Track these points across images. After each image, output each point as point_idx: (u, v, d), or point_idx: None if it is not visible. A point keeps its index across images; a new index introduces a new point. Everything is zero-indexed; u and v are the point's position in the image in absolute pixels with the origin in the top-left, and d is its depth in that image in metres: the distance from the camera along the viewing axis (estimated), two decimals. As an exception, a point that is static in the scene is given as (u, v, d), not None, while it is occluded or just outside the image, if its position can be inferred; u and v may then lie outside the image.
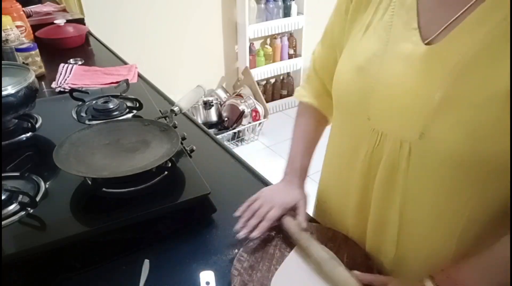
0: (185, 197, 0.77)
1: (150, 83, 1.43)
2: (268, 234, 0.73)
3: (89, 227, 0.70)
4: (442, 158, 0.54)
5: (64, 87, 1.36)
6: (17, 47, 1.39)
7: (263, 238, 0.72)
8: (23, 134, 1.00)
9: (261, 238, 0.72)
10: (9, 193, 0.73)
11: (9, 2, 1.60)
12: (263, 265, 0.67)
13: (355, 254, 0.69)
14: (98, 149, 0.83)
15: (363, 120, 0.61)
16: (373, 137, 0.61)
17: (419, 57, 0.54)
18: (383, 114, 0.59)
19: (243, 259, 0.68)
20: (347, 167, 0.69)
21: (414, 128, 0.54)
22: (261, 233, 0.70)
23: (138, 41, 2.58)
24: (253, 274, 0.65)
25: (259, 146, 2.91)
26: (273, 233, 0.73)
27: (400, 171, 0.59)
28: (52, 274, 0.68)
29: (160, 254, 0.72)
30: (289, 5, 3.00)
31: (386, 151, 0.59)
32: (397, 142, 0.57)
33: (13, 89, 0.94)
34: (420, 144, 0.55)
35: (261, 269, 0.66)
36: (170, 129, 0.88)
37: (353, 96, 0.62)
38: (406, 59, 0.55)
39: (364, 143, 0.62)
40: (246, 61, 3.02)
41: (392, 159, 0.59)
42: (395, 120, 0.57)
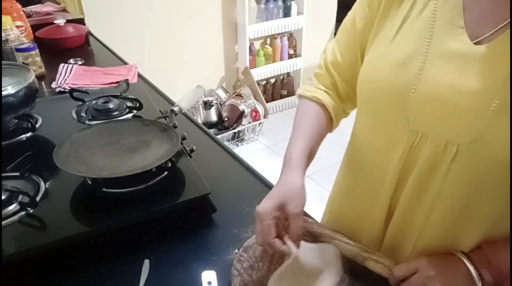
0: (185, 197, 0.77)
1: (150, 83, 1.43)
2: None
3: (89, 227, 0.70)
4: (490, 163, 0.52)
5: (64, 87, 1.36)
6: (17, 47, 1.39)
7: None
8: (23, 134, 1.00)
9: None
10: (9, 193, 0.73)
11: (9, 2, 1.60)
12: (263, 265, 0.67)
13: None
14: (98, 149, 0.83)
15: (400, 120, 0.58)
16: (411, 138, 0.58)
17: (471, 57, 0.51)
18: (425, 114, 0.55)
19: (243, 259, 0.68)
20: (378, 169, 0.66)
21: (466, 131, 0.52)
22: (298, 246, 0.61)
23: (138, 41, 2.58)
24: (253, 274, 0.65)
25: (259, 146, 2.91)
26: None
27: (438, 174, 0.57)
28: (52, 274, 0.68)
29: (160, 254, 0.72)
30: (289, 5, 3.00)
31: (425, 153, 0.57)
32: (441, 144, 0.55)
33: (13, 89, 0.95)
34: (469, 148, 0.52)
35: (261, 269, 0.66)
36: (170, 129, 0.88)
37: (390, 94, 0.58)
38: (454, 58, 0.52)
39: (400, 144, 0.59)
40: (246, 61, 3.02)
41: (431, 162, 0.57)
42: (442, 120, 0.54)
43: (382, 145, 0.64)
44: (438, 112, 0.54)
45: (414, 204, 0.62)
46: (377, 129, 0.65)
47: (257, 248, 0.70)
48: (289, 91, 3.41)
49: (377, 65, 0.61)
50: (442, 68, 0.53)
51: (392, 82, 0.57)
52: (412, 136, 0.58)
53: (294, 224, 0.60)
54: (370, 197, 0.69)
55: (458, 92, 0.52)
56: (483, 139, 0.51)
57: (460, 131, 0.53)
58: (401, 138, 0.59)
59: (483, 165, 0.53)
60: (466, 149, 0.53)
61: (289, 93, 3.41)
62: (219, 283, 0.66)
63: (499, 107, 0.49)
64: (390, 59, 0.58)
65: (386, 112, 0.61)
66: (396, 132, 0.60)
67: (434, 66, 0.54)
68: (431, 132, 0.56)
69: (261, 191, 0.89)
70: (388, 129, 0.62)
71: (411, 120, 0.57)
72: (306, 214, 0.73)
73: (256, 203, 0.83)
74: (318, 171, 2.57)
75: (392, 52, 0.59)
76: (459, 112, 0.52)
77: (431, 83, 0.54)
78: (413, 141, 0.58)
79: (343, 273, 0.63)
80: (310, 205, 0.94)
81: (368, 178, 0.70)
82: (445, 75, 0.53)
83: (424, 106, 0.55)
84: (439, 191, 0.58)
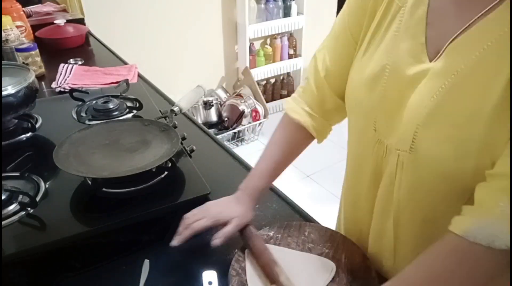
0: (185, 197, 0.77)
1: (150, 83, 1.43)
2: (266, 235, 0.73)
3: (89, 227, 0.70)
4: (430, 171, 0.54)
5: (64, 87, 1.36)
6: (17, 47, 1.39)
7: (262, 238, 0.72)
8: (23, 134, 1.00)
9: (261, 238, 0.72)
10: (9, 193, 0.73)
11: (9, 2, 1.60)
12: (262, 265, 0.67)
13: (353, 254, 0.69)
14: (98, 149, 0.83)
15: (370, 130, 0.61)
16: (380, 149, 0.61)
17: (423, 73, 0.53)
18: (386, 126, 0.59)
19: (241, 260, 0.68)
20: (357, 178, 0.69)
21: (406, 140, 0.54)
22: (179, 241, 0.68)
23: (138, 41, 2.58)
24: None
25: (259, 146, 2.91)
26: (271, 233, 0.73)
27: (396, 183, 0.59)
28: (52, 274, 0.68)
29: (160, 254, 0.72)
30: (289, 5, 3.00)
31: (390, 163, 0.59)
32: (395, 154, 0.58)
33: (13, 89, 0.95)
34: (411, 156, 0.55)
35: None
36: (170, 129, 0.88)
37: (361, 108, 0.62)
38: (410, 75, 0.55)
39: (373, 155, 0.62)
40: (246, 61, 3.02)
41: (391, 171, 0.59)
42: (394, 132, 0.57)
43: (359, 154, 0.67)
44: (393, 124, 0.57)
45: (384, 213, 0.64)
46: (356, 137, 0.68)
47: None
48: (289, 91, 3.41)
49: (353, 80, 0.64)
50: (400, 86, 0.56)
51: (362, 98, 0.61)
52: (381, 146, 0.60)
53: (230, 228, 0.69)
54: (355, 204, 0.72)
55: (403, 105, 0.55)
56: (419, 148, 0.53)
57: (403, 141, 0.55)
58: (372, 148, 0.62)
59: (425, 174, 0.55)
60: (408, 158, 0.56)
61: (289, 93, 3.41)
62: (219, 283, 0.66)
63: (427, 117, 0.51)
64: (361, 74, 0.62)
65: (360, 122, 0.64)
66: (368, 142, 0.63)
67: (395, 83, 0.57)
68: (389, 142, 0.59)
69: (261, 191, 0.89)
70: (362, 138, 0.65)
71: (378, 131, 0.60)
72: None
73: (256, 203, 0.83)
74: (318, 171, 2.57)
75: (363, 68, 0.61)
76: (402, 123, 0.55)
77: (390, 99, 0.57)
78: (382, 151, 0.61)
79: None
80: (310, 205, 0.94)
81: (353, 188, 0.73)
82: (400, 90, 0.56)
83: (384, 118, 0.59)
84: (398, 200, 0.60)
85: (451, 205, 0.55)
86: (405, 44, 0.56)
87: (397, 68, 0.56)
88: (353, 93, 0.64)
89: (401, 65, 0.56)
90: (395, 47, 0.57)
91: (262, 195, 0.76)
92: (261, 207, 0.83)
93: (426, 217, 0.59)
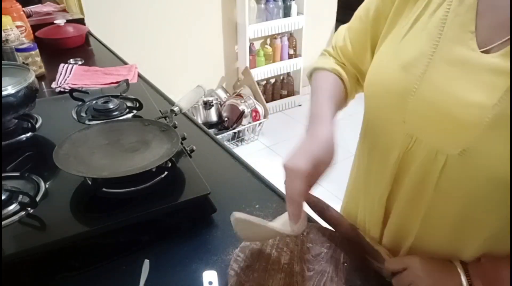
0: (185, 197, 0.77)
1: (150, 83, 1.43)
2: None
3: (89, 227, 0.70)
4: (481, 177, 0.50)
5: (64, 87, 1.36)
6: (17, 47, 1.39)
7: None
8: (23, 134, 1.00)
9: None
10: (9, 193, 0.73)
11: (9, 2, 1.60)
12: (259, 265, 0.67)
13: (353, 254, 0.69)
14: (98, 149, 0.83)
15: (397, 122, 0.57)
16: (406, 141, 0.57)
17: (476, 65, 0.49)
18: (421, 119, 0.54)
19: (240, 259, 0.68)
20: (376, 171, 0.65)
21: (456, 142, 0.50)
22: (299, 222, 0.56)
23: (138, 41, 2.59)
24: (249, 274, 0.65)
25: (259, 146, 2.91)
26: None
27: (430, 182, 0.55)
28: (52, 274, 0.68)
29: (160, 254, 0.72)
30: (289, 5, 3.00)
31: (419, 158, 0.56)
32: (432, 152, 0.54)
33: (13, 89, 0.95)
34: (458, 160, 0.51)
35: (258, 269, 0.66)
36: (170, 129, 0.88)
37: (391, 95, 0.57)
38: (459, 64, 0.51)
39: (396, 147, 0.59)
40: (246, 61, 3.02)
41: (423, 169, 0.56)
42: (435, 128, 0.53)
43: (380, 145, 0.63)
44: (432, 119, 0.53)
45: (408, 209, 0.61)
46: (377, 128, 0.64)
47: (254, 248, 0.70)
48: (289, 91, 3.41)
49: (383, 64, 0.60)
50: (444, 74, 0.52)
51: (395, 83, 0.56)
52: (407, 139, 0.57)
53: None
54: (370, 196, 0.69)
55: (454, 100, 0.50)
56: (473, 153, 0.49)
57: (450, 142, 0.51)
58: (397, 140, 0.58)
59: (473, 179, 0.51)
60: (455, 161, 0.52)
61: (289, 93, 3.41)
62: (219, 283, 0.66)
63: (492, 121, 0.47)
64: (397, 59, 0.57)
65: (386, 112, 0.60)
66: (393, 134, 0.59)
67: (437, 70, 0.52)
68: (424, 137, 0.55)
69: (261, 191, 0.89)
70: (386, 129, 0.61)
71: (408, 123, 0.56)
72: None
73: (256, 203, 0.84)
74: (318, 171, 2.57)
75: (400, 52, 0.57)
76: (452, 122, 0.51)
77: (431, 88, 0.53)
78: (408, 144, 0.57)
79: None
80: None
81: (368, 176, 0.70)
82: (446, 81, 0.51)
83: (420, 110, 0.54)
84: (431, 200, 0.57)
85: (487, 211, 0.53)
86: (453, 32, 0.52)
87: (443, 54, 0.52)
88: (381, 76, 0.59)
89: (447, 52, 0.52)
90: (441, 33, 0.53)
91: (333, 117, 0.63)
92: (261, 207, 0.83)
93: (458, 219, 0.56)
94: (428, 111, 0.53)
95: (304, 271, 0.66)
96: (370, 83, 0.62)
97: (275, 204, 0.84)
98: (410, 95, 0.54)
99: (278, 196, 0.87)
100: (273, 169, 1.06)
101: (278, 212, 0.82)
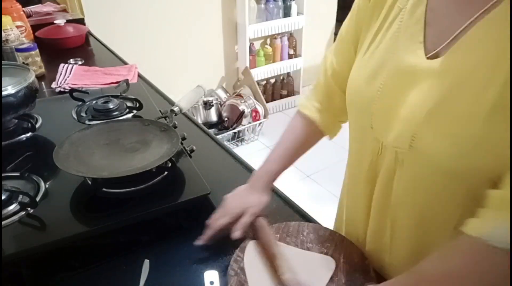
0: (185, 197, 0.77)
1: (150, 83, 1.43)
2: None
3: (89, 227, 0.71)
4: (430, 168, 0.54)
5: (64, 87, 1.36)
6: (17, 47, 1.39)
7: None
8: (23, 134, 1.00)
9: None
10: (9, 193, 0.73)
11: (9, 2, 1.60)
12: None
13: (351, 254, 0.69)
14: (98, 149, 0.83)
15: (367, 127, 0.62)
16: (376, 146, 0.62)
17: (421, 71, 0.54)
18: (383, 124, 0.59)
19: (240, 259, 0.68)
20: (355, 175, 0.70)
21: (405, 138, 0.55)
22: (202, 241, 0.71)
23: (138, 41, 2.59)
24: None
25: (259, 146, 2.91)
26: (273, 233, 0.73)
27: (395, 180, 0.60)
28: (52, 274, 0.68)
29: (160, 254, 0.72)
30: (289, 5, 3.00)
31: (386, 161, 0.60)
32: (393, 151, 0.58)
33: (13, 89, 0.95)
34: (410, 154, 0.55)
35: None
36: (170, 129, 0.88)
37: (359, 104, 0.63)
38: (408, 73, 0.56)
39: (369, 152, 0.63)
40: (246, 61, 3.02)
41: (389, 169, 0.60)
42: (391, 130, 0.58)
43: (357, 151, 0.69)
44: (389, 122, 0.58)
45: (382, 210, 0.64)
46: (354, 133, 0.69)
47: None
48: (289, 91, 3.41)
49: (353, 77, 0.66)
50: (398, 82, 0.57)
51: (361, 94, 0.62)
52: (377, 143, 0.61)
53: (246, 219, 0.72)
54: (352, 197, 0.74)
55: (401, 102, 0.56)
56: (418, 145, 0.54)
57: (402, 139, 0.56)
58: (369, 147, 0.63)
59: (425, 171, 0.55)
60: (407, 155, 0.56)
61: (289, 93, 3.41)
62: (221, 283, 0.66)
63: (429, 114, 0.52)
64: (361, 73, 0.63)
65: (358, 118, 0.66)
66: (365, 139, 0.64)
67: (393, 80, 0.58)
68: (386, 140, 0.59)
69: (261, 191, 0.89)
70: (360, 136, 0.66)
71: (374, 128, 0.61)
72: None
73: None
74: (318, 171, 2.57)
75: (364, 66, 0.63)
76: (400, 120, 0.56)
77: (389, 96, 0.58)
78: (378, 148, 0.61)
79: None
80: (309, 205, 0.94)
81: (350, 179, 0.74)
82: (399, 88, 0.57)
83: (382, 115, 0.59)
84: (397, 197, 0.61)
85: (448, 204, 0.56)
86: (404, 43, 0.57)
87: (396, 65, 0.57)
88: (352, 89, 0.65)
89: (399, 63, 0.57)
90: (395, 45, 0.58)
91: (275, 179, 0.78)
92: (261, 207, 0.83)
93: (423, 215, 0.60)
94: (386, 116, 0.58)
95: (304, 271, 0.66)
96: (347, 95, 0.68)
97: (275, 204, 0.84)
98: (374, 105, 0.60)
99: (278, 196, 0.87)
100: (273, 169, 1.06)
101: (278, 212, 0.82)
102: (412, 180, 0.58)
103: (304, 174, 2.56)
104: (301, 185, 2.48)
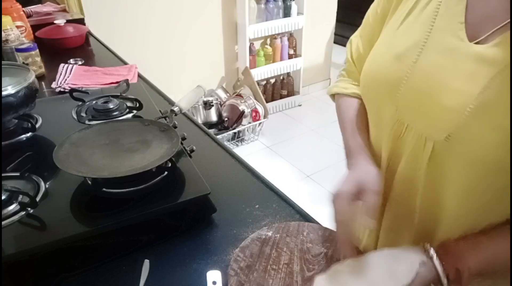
0: (185, 197, 0.77)
1: (150, 83, 1.43)
2: (265, 235, 0.73)
3: (89, 227, 0.70)
4: (468, 162, 0.52)
5: (64, 87, 1.36)
6: (17, 47, 1.39)
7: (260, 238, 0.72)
8: (23, 134, 1.00)
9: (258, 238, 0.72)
10: (9, 193, 0.73)
11: (9, 2, 1.60)
12: (259, 265, 0.67)
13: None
14: (98, 149, 0.83)
15: (390, 108, 0.59)
16: (398, 129, 0.58)
17: (464, 54, 0.51)
18: (412, 106, 0.56)
19: (240, 259, 0.68)
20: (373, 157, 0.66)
21: (442, 128, 0.52)
22: None
23: (138, 41, 2.59)
24: (249, 274, 0.65)
25: (259, 146, 2.91)
26: (270, 233, 0.73)
27: (422, 170, 0.57)
28: (52, 274, 0.68)
29: (160, 254, 0.72)
30: (289, 5, 3.00)
31: (410, 146, 0.57)
32: (421, 139, 0.55)
33: (13, 89, 0.95)
34: (444, 146, 0.53)
35: (258, 269, 0.66)
36: (170, 129, 0.88)
37: (384, 84, 0.60)
38: (448, 54, 0.53)
39: (388, 133, 0.60)
40: (246, 61, 3.02)
41: (414, 156, 0.57)
42: (423, 114, 0.55)
43: (376, 133, 0.66)
44: (421, 106, 0.55)
45: (405, 200, 0.62)
46: (372, 116, 0.66)
47: (254, 248, 0.70)
48: (289, 91, 3.41)
49: (378, 55, 0.62)
50: (434, 62, 0.54)
51: (388, 72, 0.59)
52: (399, 126, 0.58)
53: (371, 200, 0.57)
54: None
55: (441, 88, 0.52)
56: (459, 138, 0.51)
57: (436, 127, 0.53)
58: (390, 127, 0.60)
59: (461, 165, 0.53)
60: (441, 147, 0.53)
61: (289, 93, 3.41)
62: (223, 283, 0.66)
63: (476, 109, 0.49)
64: (391, 49, 0.60)
65: (379, 99, 0.62)
66: (386, 121, 0.61)
67: (428, 59, 0.55)
68: (413, 125, 0.56)
69: (261, 191, 0.89)
70: (379, 117, 0.63)
71: (399, 110, 0.58)
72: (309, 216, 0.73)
73: (256, 203, 0.83)
74: (318, 171, 2.57)
75: (393, 43, 0.60)
76: (438, 108, 0.53)
77: (421, 76, 0.55)
78: (400, 131, 0.58)
79: None
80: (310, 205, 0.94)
81: None
82: (435, 69, 0.54)
83: (411, 97, 0.56)
84: (425, 189, 0.58)
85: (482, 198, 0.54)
86: (443, 23, 0.55)
87: (433, 44, 0.55)
88: (376, 66, 0.62)
89: (437, 42, 0.54)
90: (433, 24, 0.55)
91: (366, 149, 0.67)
92: (261, 207, 0.83)
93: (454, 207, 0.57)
94: (417, 98, 0.55)
95: (304, 271, 0.66)
96: (365, 74, 0.64)
97: (275, 204, 0.84)
98: (402, 83, 0.57)
99: (278, 196, 0.87)
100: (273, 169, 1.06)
101: (278, 212, 0.82)
102: (443, 172, 0.55)
103: (304, 174, 2.56)
104: (301, 185, 2.48)
